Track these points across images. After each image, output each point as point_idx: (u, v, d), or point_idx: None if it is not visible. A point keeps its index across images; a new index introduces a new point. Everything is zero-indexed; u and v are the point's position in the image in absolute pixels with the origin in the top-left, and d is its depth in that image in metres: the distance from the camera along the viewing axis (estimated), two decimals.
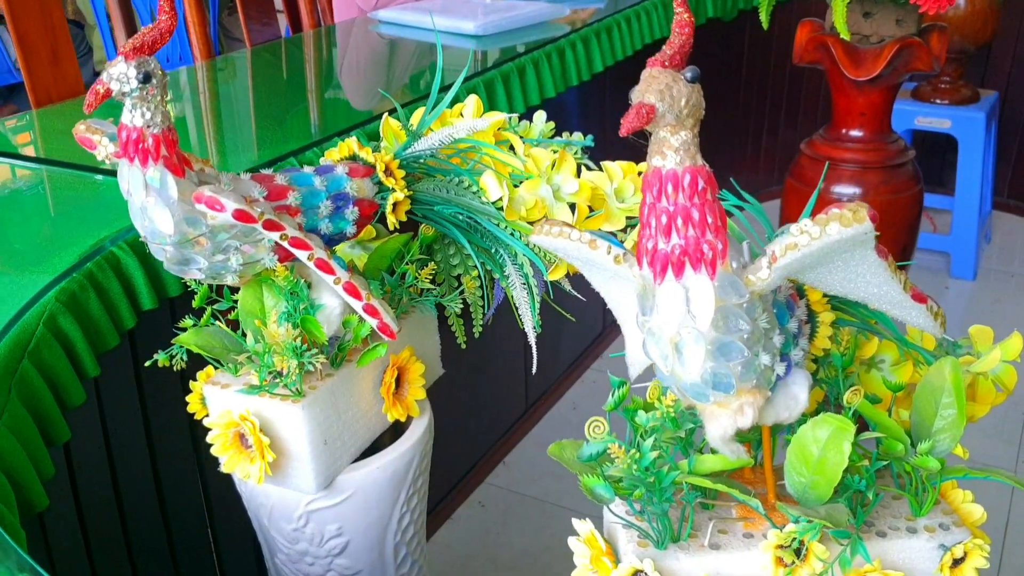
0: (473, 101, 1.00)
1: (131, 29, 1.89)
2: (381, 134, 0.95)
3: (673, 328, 0.58)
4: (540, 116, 1.08)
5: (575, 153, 1.04)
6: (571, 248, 0.64)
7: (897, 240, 1.95)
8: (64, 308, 1.02)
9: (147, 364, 0.91)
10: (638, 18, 2.30)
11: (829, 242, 0.55)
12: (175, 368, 0.90)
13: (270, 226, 0.72)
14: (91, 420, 1.09)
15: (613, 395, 0.69)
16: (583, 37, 2.08)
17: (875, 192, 1.90)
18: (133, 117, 0.70)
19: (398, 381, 0.92)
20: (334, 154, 0.91)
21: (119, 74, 0.68)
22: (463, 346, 1.01)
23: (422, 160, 0.91)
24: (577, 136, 1.05)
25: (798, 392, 0.64)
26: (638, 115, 0.54)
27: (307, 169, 0.85)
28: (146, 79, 0.68)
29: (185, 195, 0.73)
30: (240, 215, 0.71)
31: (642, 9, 2.32)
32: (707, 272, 0.56)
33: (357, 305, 0.80)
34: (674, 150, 0.56)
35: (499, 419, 2.08)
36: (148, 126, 0.70)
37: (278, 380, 0.83)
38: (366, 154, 0.88)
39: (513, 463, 2.06)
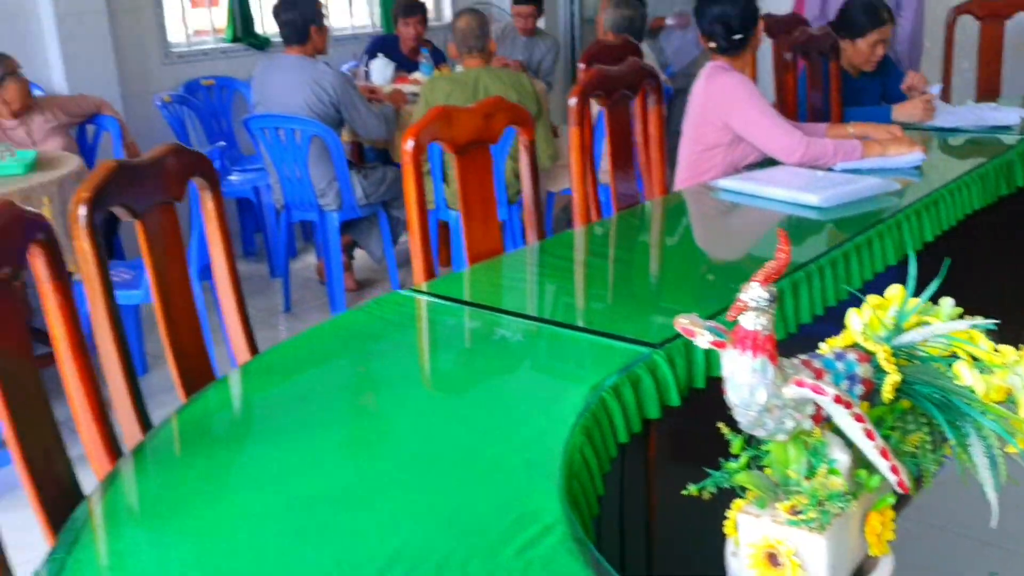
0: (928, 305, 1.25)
1: None
2: (860, 323, 1.21)
3: None
4: (947, 302, 1.31)
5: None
6: None
7: None
8: (585, 440, 1.35)
9: (683, 492, 1.20)
10: (959, 190, 2.50)
11: None
12: (703, 497, 1.18)
13: (847, 405, 1.00)
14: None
15: None
16: (916, 210, 2.31)
17: None
18: (755, 324, 1.00)
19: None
20: (835, 342, 1.18)
21: (757, 296, 0.98)
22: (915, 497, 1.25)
23: (904, 349, 1.17)
24: (981, 319, 1.28)
25: None
26: None
27: (827, 355, 1.13)
28: (772, 300, 0.98)
29: (775, 377, 1.01)
30: (838, 399, 0.98)
31: (962, 183, 2.52)
32: None
33: (884, 465, 1.05)
34: None
35: None
36: (762, 330, 1.00)
37: (801, 515, 1.09)
38: (868, 344, 1.15)
39: None
